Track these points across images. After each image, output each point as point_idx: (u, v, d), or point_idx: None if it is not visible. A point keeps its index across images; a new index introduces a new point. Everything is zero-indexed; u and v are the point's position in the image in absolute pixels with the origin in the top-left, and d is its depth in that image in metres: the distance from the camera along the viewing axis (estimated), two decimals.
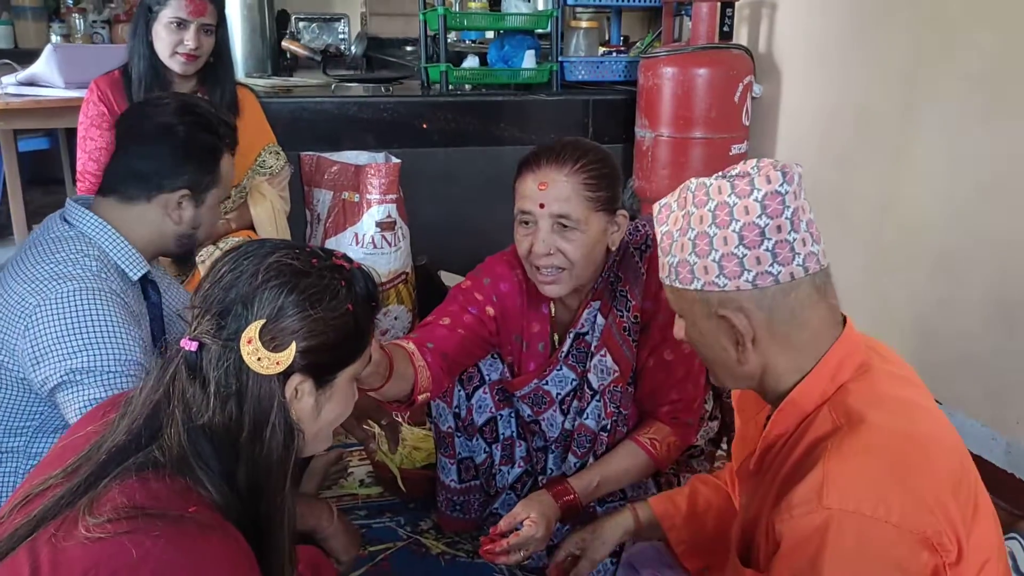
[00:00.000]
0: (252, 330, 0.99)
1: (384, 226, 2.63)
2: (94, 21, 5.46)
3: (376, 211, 2.62)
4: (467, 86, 3.02)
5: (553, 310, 1.68)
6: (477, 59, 3.06)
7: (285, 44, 3.42)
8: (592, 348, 1.63)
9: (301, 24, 6.02)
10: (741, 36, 2.96)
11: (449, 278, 2.94)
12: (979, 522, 0.98)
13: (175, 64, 2.18)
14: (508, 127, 2.97)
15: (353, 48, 5.78)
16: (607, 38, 3.49)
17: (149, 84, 2.20)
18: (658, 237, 1.09)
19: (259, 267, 1.02)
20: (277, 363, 0.99)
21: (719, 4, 2.75)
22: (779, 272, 1.00)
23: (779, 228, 1.00)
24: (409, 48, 5.51)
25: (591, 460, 1.66)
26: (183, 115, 1.48)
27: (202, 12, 2.13)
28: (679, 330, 1.12)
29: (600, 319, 1.62)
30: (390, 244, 2.67)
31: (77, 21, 5.38)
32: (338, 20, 6.10)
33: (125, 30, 5.43)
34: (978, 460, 2.08)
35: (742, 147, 2.81)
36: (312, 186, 2.71)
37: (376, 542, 1.84)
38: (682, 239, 1.03)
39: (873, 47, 2.42)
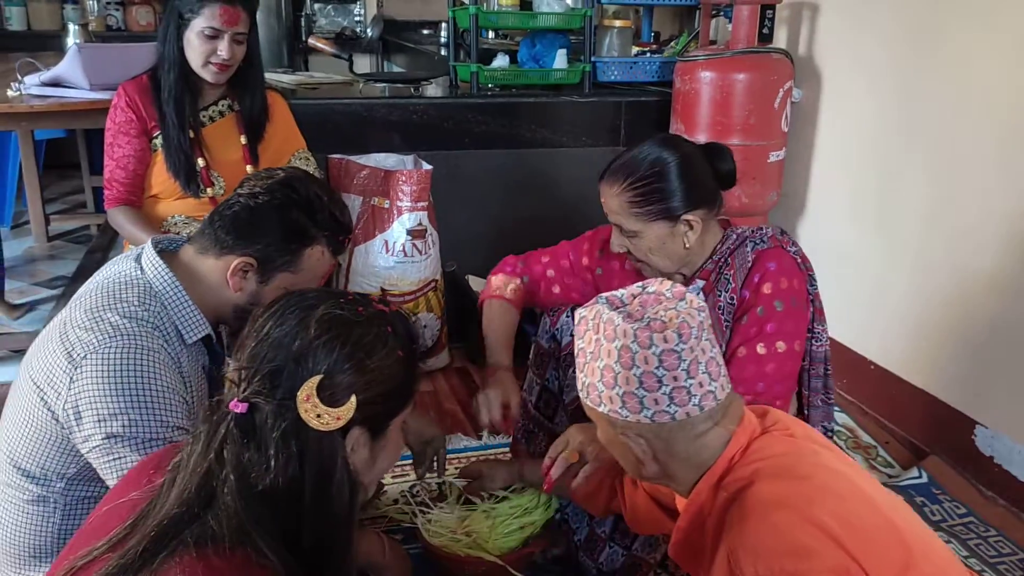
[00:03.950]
0: (309, 387, 0.96)
1: (415, 234, 2.58)
2: (108, 3, 5.39)
3: (407, 219, 2.57)
4: (496, 87, 2.95)
5: None
6: (507, 58, 2.98)
7: (311, 41, 3.34)
8: None
9: (317, 6, 5.96)
10: (780, 38, 2.88)
11: (477, 283, 2.90)
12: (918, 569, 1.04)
13: (207, 74, 2.12)
14: (539, 129, 2.91)
15: (369, 31, 5.71)
16: (638, 35, 3.42)
17: (179, 92, 2.15)
18: (575, 348, 1.19)
19: (308, 321, 0.99)
20: (338, 418, 0.97)
21: (759, 6, 2.67)
22: (675, 412, 1.10)
23: (675, 378, 1.09)
24: (426, 32, 5.43)
25: None
26: (286, 187, 1.43)
27: (235, 21, 2.07)
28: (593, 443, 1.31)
29: (702, 297, 1.66)
30: (420, 252, 2.62)
31: (91, 2, 5.31)
32: (354, 2, 6.03)
33: (139, 12, 5.37)
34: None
35: (780, 154, 2.74)
36: (341, 190, 2.65)
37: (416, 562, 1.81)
38: (593, 363, 1.14)
39: (919, 53, 2.34)
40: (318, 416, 0.96)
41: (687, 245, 1.64)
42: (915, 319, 2.42)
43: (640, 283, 1.19)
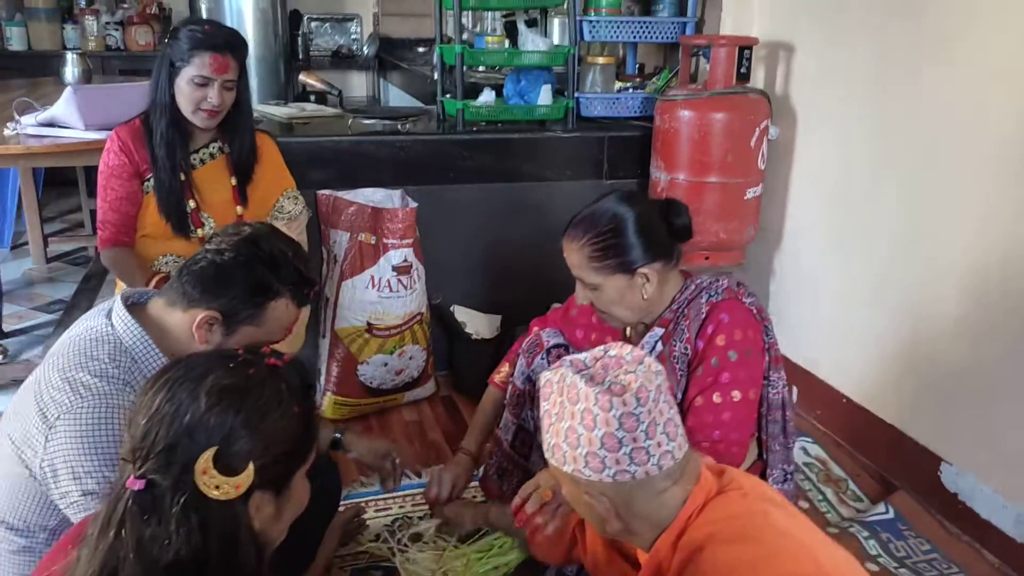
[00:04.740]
0: (205, 460, 0.96)
1: (400, 270, 2.66)
2: (107, 23, 5.47)
3: (393, 255, 2.64)
4: (483, 122, 3.02)
5: (628, 331, 1.89)
6: (493, 92, 3.05)
7: (302, 78, 3.41)
8: None
9: (314, 24, 6.03)
10: (758, 77, 2.95)
11: (463, 313, 2.97)
12: None
13: (197, 119, 2.20)
14: (524, 163, 2.98)
15: (365, 49, 5.80)
16: (623, 68, 3.49)
17: (170, 137, 2.22)
18: (541, 410, 1.24)
19: (198, 392, 1.00)
20: (237, 487, 0.98)
21: (737, 47, 2.74)
22: (635, 471, 1.16)
23: (635, 439, 1.15)
24: (421, 49, 5.51)
25: None
26: (251, 245, 1.48)
27: (225, 70, 2.15)
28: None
29: (660, 345, 1.77)
30: (406, 287, 2.69)
31: (90, 23, 5.39)
32: (350, 20, 6.11)
33: (138, 32, 5.45)
34: (987, 527, 2.13)
35: (757, 190, 2.81)
36: (329, 226, 2.73)
37: None
38: (558, 424, 1.19)
39: (890, 91, 2.41)
40: (217, 487, 0.96)
41: (645, 296, 1.72)
42: (885, 354, 2.49)
43: (603, 346, 1.26)
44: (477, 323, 2.94)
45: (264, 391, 1.03)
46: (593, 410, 1.15)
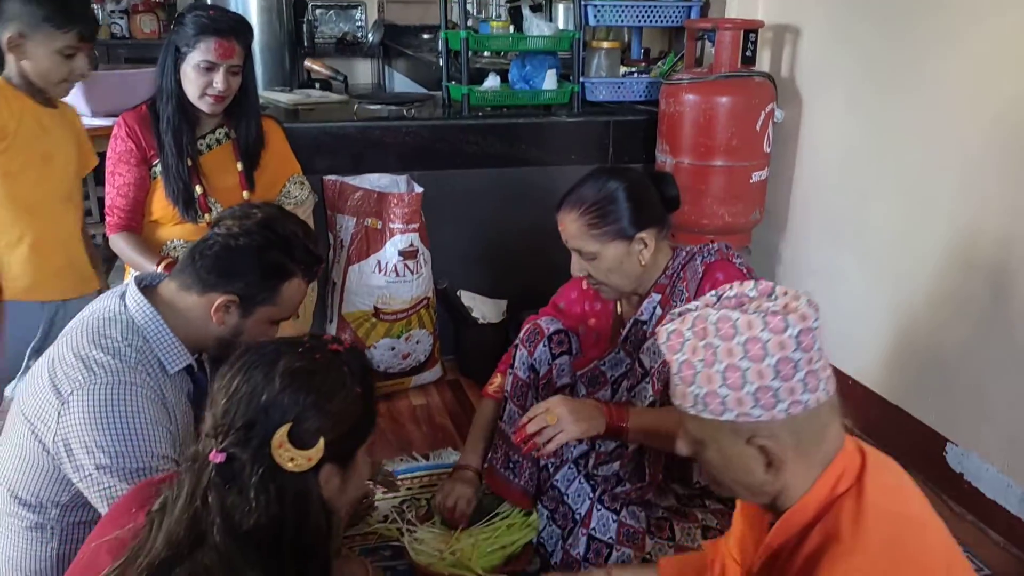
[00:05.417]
0: (281, 435, 1.06)
1: (406, 254, 2.67)
2: (112, 11, 5.48)
3: (399, 240, 2.65)
4: (487, 107, 3.03)
5: (619, 308, 1.94)
6: (498, 77, 3.06)
7: (308, 64, 3.41)
8: (647, 334, 1.82)
9: (318, 11, 6.03)
10: (764, 61, 2.95)
11: (469, 298, 2.98)
12: None
13: (204, 105, 2.20)
14: (529, 148, 2.98)
15: (370, 36, 5.79)
16: (628, 52, 3.48)
17: (177, 123, 2.23)
18: (673, 365, 1.12)
19: (272, 375, 1.08)
20: (309, 460, 1.07)
21: (742, 30, 2.74)
22: (808, 400, 1.06)
23: (810, 360, 1.05)
24: (426, 36, 5.50)
25: None
26: (266, 229, 1.50)
27: (230, 55, 2.15)
28: (685, 447, 1.16)
29: (659, 310, 1.81)
30: (412, 272, 2.70)
31: (96, 11, 5.40)
32: (355, 7, 6.10)
33: (143, 20, 5.46)
34: (992, 506, 2.14)
35: (763, 174, 2.81)
36: (335, 211, 2.74)
37: None
38: (708, 371, 1.06)
39: (896, 74, 2.41)
40: (291, 460, 1.06)
41: (643, 263, 1.78)
42: (889, 336, 2.50)
43: (712, 292, 1.16)
44: (483, 308, 2.95)
45: (330, 374, 1.12)
46: (762, 337, 1.03)
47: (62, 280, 2.13)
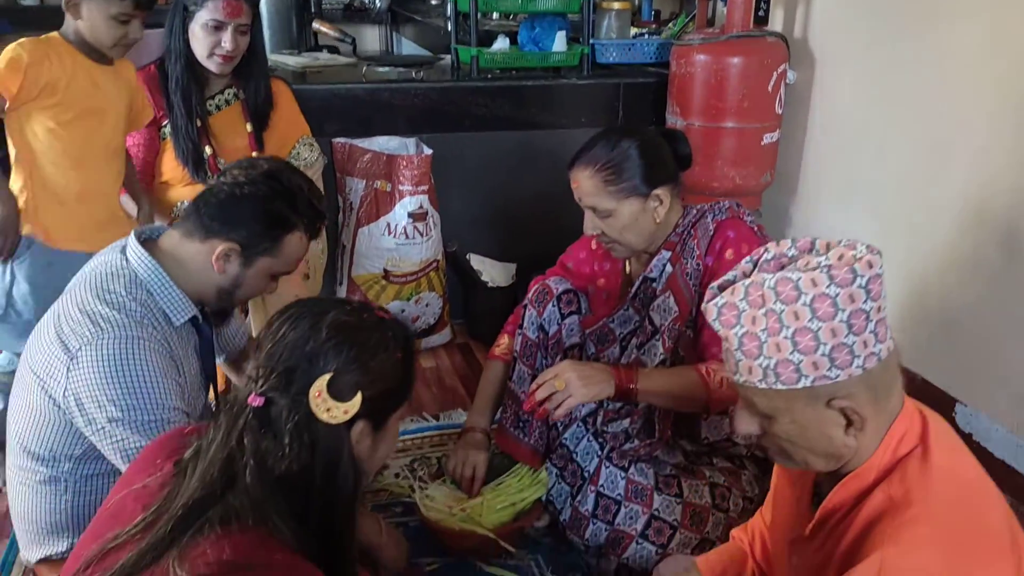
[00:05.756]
0: (320, 384, 1.06)
1: (416, 216, 2.67)
2: None
3: (408, 202, 2.65)
4: (497, 69, 3.00)
5: (628, 266, 1.95)
6: (507, 40, 3.03)
7: (316, 25, 3.39)
8: (657, 291, 1.82)
9: None
10: (776, 20, 2.91)
11: (479, 261, 2.99)
12: None
13: (212, 65, 2.20)
14: (538, 111, 2.96)
15: (378, 2, 5.73)
16: (638, 14, 3.45)
17: (186, 83, 2.23)
18: (731, 340, 1.06)
19: (320, 325, 1.09)
20: (345, 412, 1.08)
21: None
22: (879, 350, 1.02)
23: (879, 308, 1.01)
24: (434, 1, 5.45)
25: None
26: (272, 179, 1.50)
27: (238, 13, 2.14)
28: (747, 424, 1.10)
29: (668, 268, 1.81)
30: (422, 234, 2.70)
31: None
32: None
33: None
34: (1001, 466, 2.14)
35: (774, 136, 2.79)
36: (344, 174, 2.74)
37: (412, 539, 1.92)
38: (774, 339, 1.01)
39: (911, 34, 2.38)
40: (327, 410, 1.06)
41: (657, 220, 1.77)
42: (900, 297, 2.49)
43: (748, 258, 1.12)
44: (492, 271, 2.96)
45: (375, 334, 1.13)
46: (830, 292, 0.98)
47: (105, 232, 2.15)
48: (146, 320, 1.44)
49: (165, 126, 2.28)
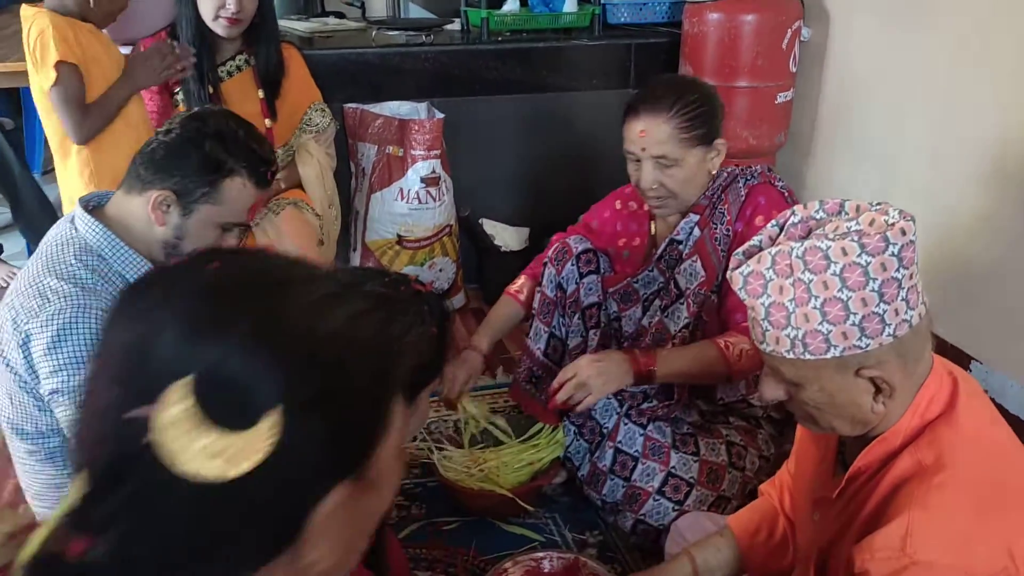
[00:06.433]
0: None
1: (429, 181, 2.66)
2: None
3: (421, 167, 2.64)
4: (507, 32, 2.98)
5: (653, 228, 1.91)
6: (517, 1, 3.00)
7: None
8: (684, 255, 1.81)
9: None
10: None
11: (491, 226, 2.98)
12: None
13: (218, 28, 2.19)
14: (550, 73, 2.94)
15: None
16: None
17: (197, 48, 2.22)
18: (758, 310, 1.03)
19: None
20: None
21: None
22: (911, 317, 0.99)
23: (912, 275, 0.99)
24: None
25: None
26: (203, 122, 1.47)
27: None
28: (774, 390, 1.09)
29: (696, 231, 1.79)
30: (435, 199, 2.70)
31: None
32: None
33: None
34: (1016, 422, 2.15)
35: (788, 95, 2.77)
36: (356, 140, 2.73)
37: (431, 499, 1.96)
38: (802, 309, 0.99)
39: None
40: None
41: (712, 171, 1.76)
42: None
43: (774, 222, 1.10)
44: (506, 236, 2.96)
45: (411, 307, 1.13)
46: (861, 261, 0.96)
47: None
48: (99, 287, 1.40)
49: (177, 92, 2.27)
